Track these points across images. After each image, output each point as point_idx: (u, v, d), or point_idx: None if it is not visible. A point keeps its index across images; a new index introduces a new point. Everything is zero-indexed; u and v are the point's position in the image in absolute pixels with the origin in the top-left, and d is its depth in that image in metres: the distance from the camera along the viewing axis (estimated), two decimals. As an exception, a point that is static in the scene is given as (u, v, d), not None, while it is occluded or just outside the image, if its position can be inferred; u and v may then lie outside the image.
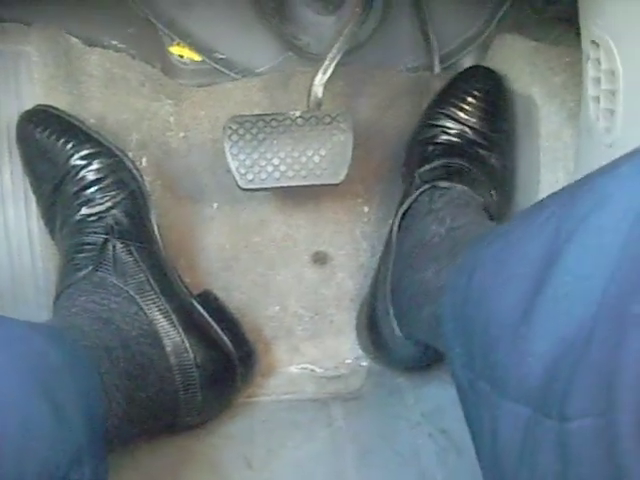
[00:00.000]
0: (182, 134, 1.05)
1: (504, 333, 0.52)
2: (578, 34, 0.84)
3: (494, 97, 0.98)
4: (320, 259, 1.04)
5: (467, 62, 1.10)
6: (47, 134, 0.89)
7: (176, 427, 0.87)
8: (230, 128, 0.91)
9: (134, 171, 0.91)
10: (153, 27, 1.06)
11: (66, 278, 0.86)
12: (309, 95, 0.95)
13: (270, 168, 0.90)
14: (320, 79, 0.94)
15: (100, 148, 0.89)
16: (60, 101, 0.97)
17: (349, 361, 1.02)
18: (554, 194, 0.56)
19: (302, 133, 0.91)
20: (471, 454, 0.81)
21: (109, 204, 0.87)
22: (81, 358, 0.71)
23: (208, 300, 0.91)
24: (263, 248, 1.04)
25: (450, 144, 0.96)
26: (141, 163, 1.02)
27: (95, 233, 0.86)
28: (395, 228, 0.92)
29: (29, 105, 0.94)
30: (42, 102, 0.95)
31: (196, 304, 0.89)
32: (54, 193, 0.90)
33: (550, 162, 0.95)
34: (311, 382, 0.99)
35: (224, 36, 1.07)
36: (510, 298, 0.52)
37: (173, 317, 0.85)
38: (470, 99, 0.96)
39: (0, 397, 0.56)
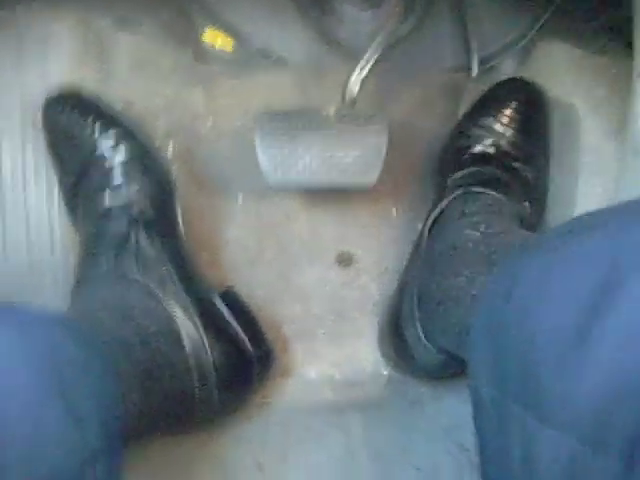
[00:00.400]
0: (211, 123, 1.03)
1: (550, 357, 0.49)
2: (626, 45, 0.82)
3: (533, 111, 0.95)
4: (345, 260, 1.02)
5: (507, 66, 1.07)
6: (74, 118, 0.88)
7: (190, 426, 0.85)
8: (262, 121, 0.89)
9: (161, 160, 0.90)
10: (187, 12, 1.03)
11: (86, 269, 0.85)
12: (344, 92, 0.92)
13: (300, 165, 0.88)
14: (356, 77, 0.92)
15: (128, 135, 0.88)
16: (88, 83, 0.95)
17: (369, 368, 1.00)
18: (605, 212, 0.54)
19: (335, 132, 0.89)
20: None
21: (134, 189, 0.86)
22: (99, 355, 0.69)
23: (230, 297, 0.90)
24: (287, 245, 1.02)
25: (484, 154, 0.94)
26: (168, 151, 1.00)
27: (118, 223, 0.85)
28: (426, 232, 0.90)
29: (56, 84, 0.93)
30: (70, 81, 0.93)
31: (217, 300, 0.87)
32: (78, 179, 0.88)
33: (589, 177, 0.93)
34: (329, 387, 0.97)
35: (260, 25, 1.04)
36: (558, 320, 0.50)
37: (193, 313, 0.83)
38: (508, 111, 0.94)
39: (14, 395, 0.54)
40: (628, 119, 0.81)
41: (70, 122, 0.88)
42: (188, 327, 0.82)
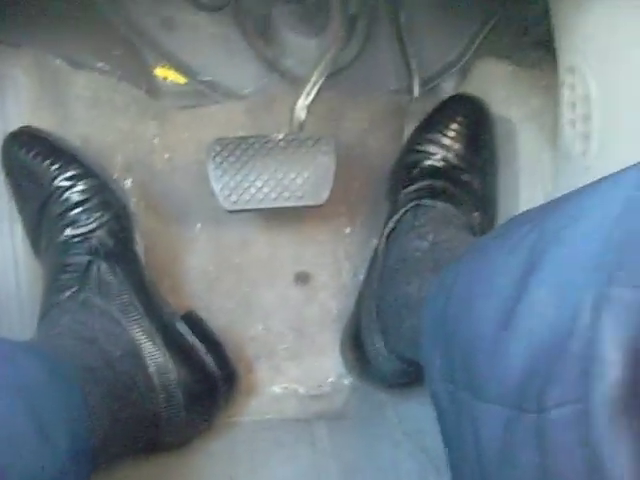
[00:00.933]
0: (167, 155, 1.06)
1: (484, 341, 0.54)
2: (555, 58, 0.86)
3: (478, 125, 0.99)
4: (303, 279, 1.05)
5: (447, 86, 1.12)
6: (32, 155, 0.90)
7: (158, 446, 0.86)
8: (214, 150, 0.92)
9: (119, 192, 0.91)
10: (138, 49, 1.07)
11: (50, 298, 0.86)
12: (292, 118, 0.96)
13: (253, 190, 0.92)
14: (302, 102, 0.95)
15: (85, 169, 0.90)
16: (46, 122, 0.97)
17: (332, 380, 1.02)
18: (533, 210, 0.58)
19: (285, 155, 0.92)
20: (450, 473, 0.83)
21: (94, 225, 0.88)
22: (65, 377, 0.71)
23: (192, 320, 0.92)
24: (246, 268, 1.05)
25: (434, 168, 0.97)
26: (126, 184, 1.03)
27: (79, 254, 0.87)
28: (381, 246, 0.93)
29: (15, 126, 0.94)
30: (28, 123, 0.95)
31: (180, 324, 0.89)
32: (39, 214, 0.90)
33: (529, 183, 0.96)
34: (294, 401, 0.99)
35: (208, 58, 1.08)
36: (490, 308, 0.54)
37: (156, 338, 0.85)
38: (455, 126, 0.98)
39: None
40: (558, 126, 0.85)
41: (28, 159, 0.90)
42: (152, 351, 0.84)
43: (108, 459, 0.78)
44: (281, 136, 0.93)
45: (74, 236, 0.88)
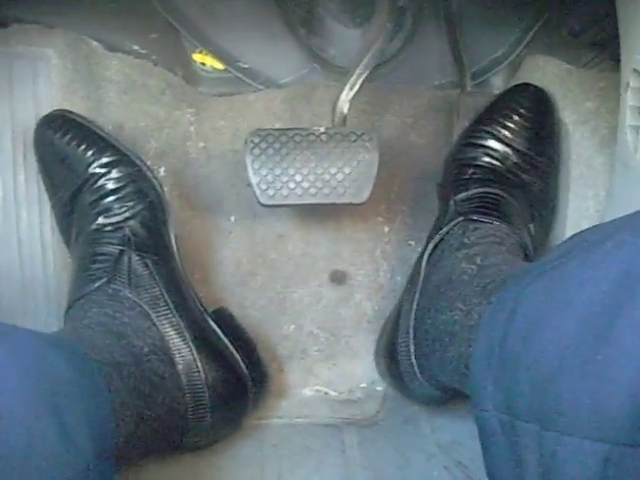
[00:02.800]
0: (202, 144, 1.03)
1: (568, 364, 0.49)
2: (613, 59, 0.82)
3: (542, 118, 0.94)
4: (338, 278, 1.02)
5: (496, 81, 1.08)
6: (66, 140, 0.88)
7: (184, 447, 0.84)
8: (252, 142, 0.89)
9: (154, 181, 0.89)
10: (176, 33, 1.04)
11: (79, 289, 0.84)
12: (334, 111, 0.92)
13: (292, 184, 0.88)
14: (346, 94, 0.92)
15: (120, 156, 0.88)
16: (78, 106, 0.95)
17: (364, 385, 0.99)
18: (605, 225, 0.55)
19: (326, 150, 0.89)
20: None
21: (127, 214, 0.86)
22: (91, 374, 0.69)
23: (223, 317, 0.89)
24: (280, 265, 1.02)
25: (492, 168, 0.92)
26: (159, 172, 1.00)
27: (111, 244, 0.85)
28: (425, 260, 0.89)
29: (47, 109, 0.93)
30: (60, 106, 0.94)
31: (210, 321, 0.87)
32: (71, 201, 0.88)
33: (580, 190, 0.93)
34: (325, 406, 0.96)
35: (248, 45, 1.05)
36: (573, 326, 0.50)
37: (186, 334, 0.82)
38: (517, 118, 0.93)
39: (8, 416, 0.54)
40: (618, 132, 0.81)
41: (62, 144, 0.88)
42: (180, 347, 0.81)
43: (133, 459, 0.77)
44: (323, 129, 0.89)
45: (106, 225, 0.86)
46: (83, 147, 0.88)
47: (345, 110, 0.92)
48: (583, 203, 0.92)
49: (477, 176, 0.92)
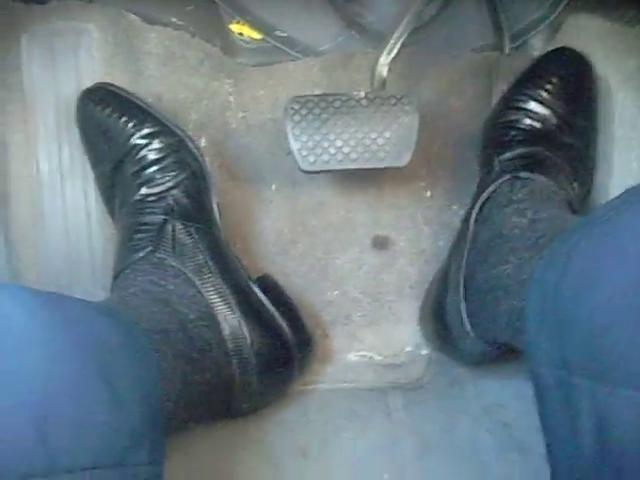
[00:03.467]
0: (241, 114, 1.03)
1: (624, 317, 0.49)
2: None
3: (582, 81, 0.94)
4: (380, 243, 1.02)
5: (536, 42, 1.05)
6: (108, 112, 0.89)
7: (231, 413, 0.85)
8: (292, 108, 0.89)
9: (195, 151, 0.90)
10: (213, 4, 1.03)
11: (124, 259, 0.85)
12: (373, 75, 0.92)
13: (333, 150, 0.88)
14: (385, 59, 0.91)
15: (161, 127, 0.89)
16: (119, 78, 0.97)
17: (409, 349, 1.00)
18: None
19: (366, 114, 0.88)
20: (534, 450, 0.80)
21: (169, 184, 0.87)
22: (139, 340, 0.70)
23: (267, 284, 0.90)
24: (322, 232, 1.02)
25: (533, 130, 0.92)
26: (200, 144, 1.01)
27: (154, 213, 0.86)
28: (473, 218, 0.89)
29: (88, 82, 0.94)
30: (101, 80, 0.95)
31: (254, 287, 0.87)
32: (114, 172, 0.89)
33: (624, 151, 0.92)
34: (369, 370, 0.97)
35: (285, 14, 1.04)
36: (629, 278, 0.50)
37: (231, 300, 0.83)
38: (557, 81, 0.92)
39: (57, 379, 0.55)
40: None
41: (103, 116, 0.89)
42: (226, 313, 0.82)
43: (180, 424, 0.78)
44: (362, 94, 0.89)
45: (149, 195, 0.87)
46: (124, 119, 0.88)
47: (384, 74, 0.91)
48: (627, 164, 0.91)
49: (519, 137, 0.92)
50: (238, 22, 1.05)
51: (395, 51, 0.92)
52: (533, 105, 0.92)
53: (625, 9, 0.98)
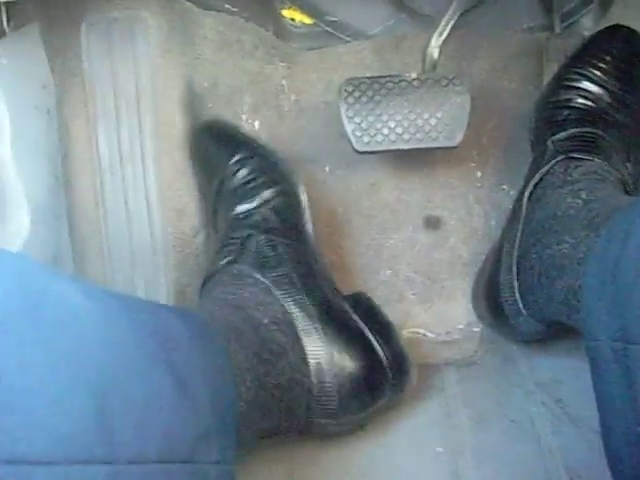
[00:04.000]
0: (294, 97, 1.05)
1: None
2: None
3: (635, 59, 0.93)
4: (433, 223, 1.03)
5: (586, 21, 1.05)
6: (212, 143, 0.96)
7: (310, 429, 0.82)
8: (346, 90, 0.91)
9: (285, 170, 0.91)
10: (265, -10, 1.06)
11: (210, 267, 0.88)
12: (424, 57, 0.94)
13: (386, 130, 0.90)
14: (436, 41, 0.93)
15: (253, 152, 0.93)
16: (175, 64, 0.99)
17: (461, 326, 1.01)
18: None
19: (418, 95, 0.90)
20: (588, 424, 0.82)
21: (258, 202, 0.89)
22: (209, 336, 0.69)
23: (359, 301, 0.87)
24: (375, 212, 1.04)
25: (586, 109, 0.92)
26: (254, 126, 1.03)
27: (242, 228, 0.88)
28: (525, 198, 0.89)
29: (146, 68, 0.97)
30: (158, 65, 0.97)
31: (342, 302, 0.85)
32: (217, 191, 0.94)
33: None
34: (423, 347, 0.98)
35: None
36: None
37: (311, 310, 0.81)
38: (609, 59, 0.92)
39: (120, 364, 0.54)
40: None
41: (210, 147, 0.97)
42: (304, 322, 0.80)
43: (257, 432, 0.75)
44: (414, 75, 0.91)
45: (240, 213, 0.90)
46: (223, 148, 0.94)
47: (435, 56, 0.93)
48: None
49: (573, 117, 0.92)
50: (290, 7, 1.06)
51: (446, 33, 0.93)
52: (586, 84, 0.92)
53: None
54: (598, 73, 0.92)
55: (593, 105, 0.92)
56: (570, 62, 0.96)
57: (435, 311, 1.02)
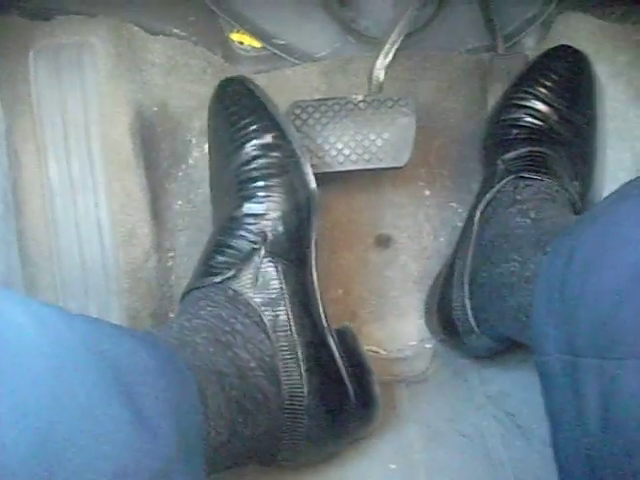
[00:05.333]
0: (244, 120, 1.06)
1: (626, 295, 0.52)
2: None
3: (581, 78, 0.96)
4: (383, 242, 1.05)
5: (529, 42, 1.09)
6: (236, 109, 0.86)
7: (274, 464, 0.81)
8: (293, 113, 0.92)
9: (307, 178, 0.83)
10: (213, 15, 1.06)
11: (200, 277, 0.82)
12: (370, 79, 0.95)
13: (334, 152, 0.91)
14: (381, 62, 0.95)
15: (282, 141, 0.83)
16: (124, 89, 0.99)
17: (414, 343, 1.02)
18: None
19: (365, 117, 0.92)
20: (538, 436, 0.83)
21: (269, 206, 0.81)
22: (177, 366, 0.66)
23: (345, 337, 0.85)
24: (327, 232, 1.04)
25: (535, 128, 0.94)
26: (204, 149, 1.03)
27: (245, 238, 0.81)
28: (477, 217, 0.91)
29: (94, 95, 0.97)
30: (106, 92, 0.97)
31: (330, 340, 0.82)
32: (224, 173, 0.86)
33: (616, 143, 0.94)
34: (376, 365, 0.97)
35: (283, 22, 1.07)
36: (629, 261, 0.53)
37: (299, 354, 0.78)
38: (556, 78, 0.95)
39: (67, 390, 0.51)
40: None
41: (231, 112, 0.86)
42: (290, 367, 0.77)
43: (221, 469, 0.73)
44: (360, 97, 0.92)
45: (248, 215, 0.82)
46: (248, 120, 0.84)
47: (381, 78, 0.95)
48: (620, 155, 0.94)
49: (522, 136, 0.94)
50: (238, 31, 1.08)
51: (391, 55, 0.95)
52: (534, 102, 0.95)
53: (614, 7, 1.01)
54: (545, 92, 0.95)
55: (541, 124, 0.94)
56: (518, 81, 0.98)
57: (388, 328, 1.03)
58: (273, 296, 0.79)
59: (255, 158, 0.82)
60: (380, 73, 0.94)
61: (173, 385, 0.62)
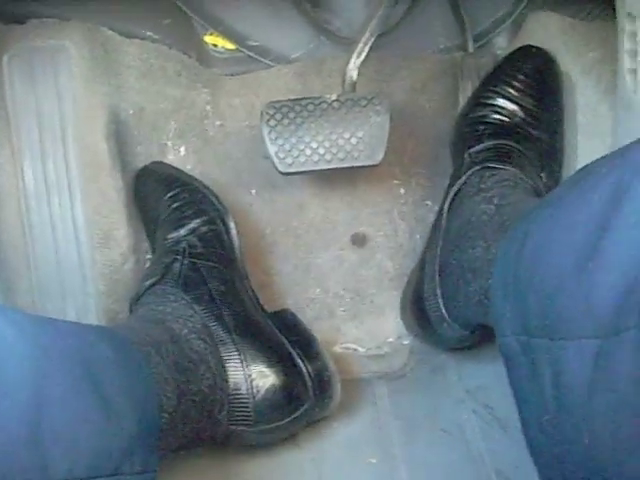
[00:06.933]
0: (219, 122, 1.07)
1: (567, 278, 0.54)
2: (614, 9, 0.84)
3: (547, 77, 0.98)
4: (359, 240, 1.06)
5: (500, 41, 1.10)
6: (152, 182, 1.00)
7: (231, 441, 0.83)
8: (267, 113, 0.92)
9: (217, 204, 0.95)
10: (187, 17, 1.07)
11: (138, 285, 0.91)
12: (344, 78, 0.96)
13: (308, 151, 0.92)
14: (354, 62, 0.95)
15: (186, 187, 0.97)
16: (99, 93, 0.99)
17: (391, 340, 1.03)
18: (606, 156, 0.58)
19: (339, 116, 0.92)
20: (516, 427, 0.83)
21: (186, 231, 0.93)
22: (131, 354, 0.72)
23: (284, 318, 0.91)
24: (302, 232, 1.06)
25: (501, 124, 0.96)
26: (180, 152, 1.04)
27: (169, 254, 0.91)
28: (445, 209, 0.93)
29: (69, 98, 0.97)
30: (81, 95, 0.97)
31: (263, 317, 0.88)
32: (154, 226, 0.98)
33: (588, 137, 0.95)
34: (354, 362, 1.00)
35: (257, 24, 1.08)
36: (571, 245, 0.54)
37: (228, 322, 0.84)
38: (523, 78, 0.97)
39: (49, 390, 0.58)
40: (617, 77, 0.84)
41: (148, 187, 1.01)
42: (221, 333, 0.83)
43: (176, 444, 0.76)
44: (334, 97, 0.93)
45: (170, 239, 0.93)
46: (161, 186, 0.99)
47: (354, 77, 0.95)
48: (591, 150, 0.95)
49: (488, 131, 0.96)
50: (211, 33, 1.08)
51: (364, 55, 0.96)
52: (501, 101, 0.97)
53: (583, 5, 1.03)
54: (512, 91, 0.97)
55: (507, 120, 0.96)
56: (486, 81, 1.00)
57: (365, 326, 1.04)
58: (196, 287, 0.87)
59: (171, 204, 0.96)
60: (353, 73, 0.95)
61: (129, 372, 0.69)
